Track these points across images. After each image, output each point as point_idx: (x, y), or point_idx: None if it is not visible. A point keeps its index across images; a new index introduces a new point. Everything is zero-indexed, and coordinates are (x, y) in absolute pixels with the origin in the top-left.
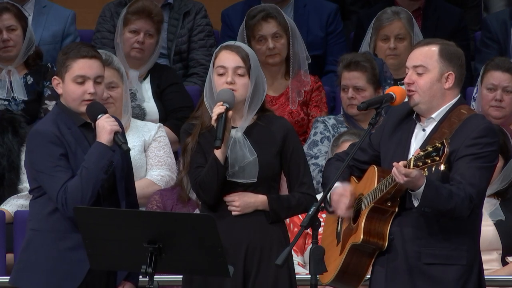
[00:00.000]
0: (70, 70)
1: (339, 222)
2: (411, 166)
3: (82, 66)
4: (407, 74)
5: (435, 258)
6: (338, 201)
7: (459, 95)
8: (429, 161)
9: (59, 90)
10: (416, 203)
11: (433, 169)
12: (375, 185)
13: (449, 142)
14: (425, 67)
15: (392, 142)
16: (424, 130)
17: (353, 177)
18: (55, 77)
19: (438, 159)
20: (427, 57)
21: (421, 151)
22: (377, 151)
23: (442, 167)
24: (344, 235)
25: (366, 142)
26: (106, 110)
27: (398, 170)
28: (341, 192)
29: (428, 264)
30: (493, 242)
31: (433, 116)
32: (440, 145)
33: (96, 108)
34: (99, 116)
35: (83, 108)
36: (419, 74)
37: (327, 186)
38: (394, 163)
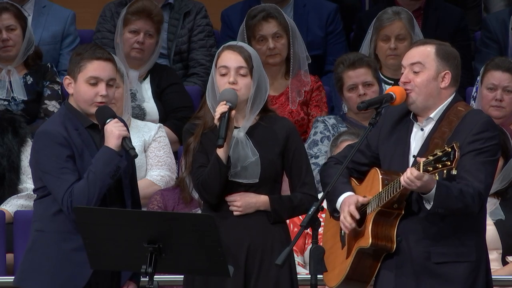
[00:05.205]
0: (84, 71)
1: None
2: (421, 171)
3: (96, 68)
4: (402, 73)
5: (444, 257)
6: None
7: (455, 93)
8: (440, 166)
9: (70, 90)
10: (428, 206)
11: (444, 173)
12: (380, 189)
13: (453, 142)
14: (423, 65)
15: (390, 142)
16: (422, 129)
17: (353, 179)
18: (67, 76)
19: (449, 163)
20: (424, 55)
21: (430, 155)
22: (376, 152)
23: (454, 171)
24: (349, 239)
25: (364, 143)
26: (115, 114)
27: (411, 176)
28: (349, 203)
29: (438, 263)
30: (493, 241)
31: (431, 116)
32: (450, 149)
33: (106, 112)
34: (108, 121)
35: (93, 110)
36: (416, 73)
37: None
38: (407, 170)
